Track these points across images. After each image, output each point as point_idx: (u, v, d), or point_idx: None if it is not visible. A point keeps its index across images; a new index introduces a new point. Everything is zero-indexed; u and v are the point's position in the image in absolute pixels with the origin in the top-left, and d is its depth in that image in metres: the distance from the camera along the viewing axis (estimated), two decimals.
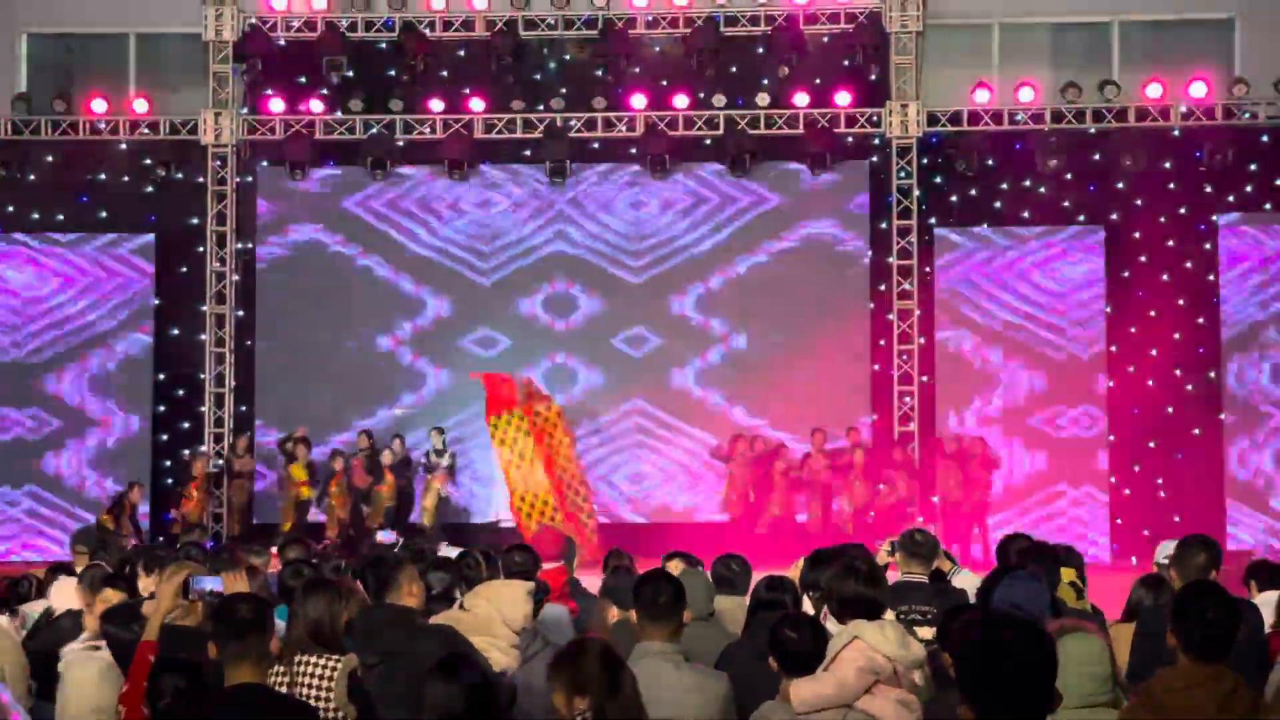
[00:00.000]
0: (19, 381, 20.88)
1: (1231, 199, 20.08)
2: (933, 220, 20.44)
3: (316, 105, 20.52)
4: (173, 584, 6.37)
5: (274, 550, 10.67)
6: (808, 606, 7.37)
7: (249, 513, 20.15)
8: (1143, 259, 20.21)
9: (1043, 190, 20.31)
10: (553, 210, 20.80)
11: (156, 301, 20.92)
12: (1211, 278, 20.12)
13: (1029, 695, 3.71)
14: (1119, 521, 19.93)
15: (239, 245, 20.74)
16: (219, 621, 5.38)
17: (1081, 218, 20.37)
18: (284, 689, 5.72)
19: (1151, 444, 20.05)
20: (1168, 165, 20.00)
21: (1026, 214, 20.42)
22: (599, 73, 20.57)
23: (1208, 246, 20.15)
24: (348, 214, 20.90)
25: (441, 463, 19.68)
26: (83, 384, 20.88)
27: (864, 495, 19.05)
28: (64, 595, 8.08)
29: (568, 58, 20.92)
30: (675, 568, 8.04)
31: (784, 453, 19.58)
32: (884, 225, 20.42)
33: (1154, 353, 20.11)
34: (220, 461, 20.14)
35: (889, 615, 6.17)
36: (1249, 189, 20.10)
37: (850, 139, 20.45)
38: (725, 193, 20.73)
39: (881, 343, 20.32)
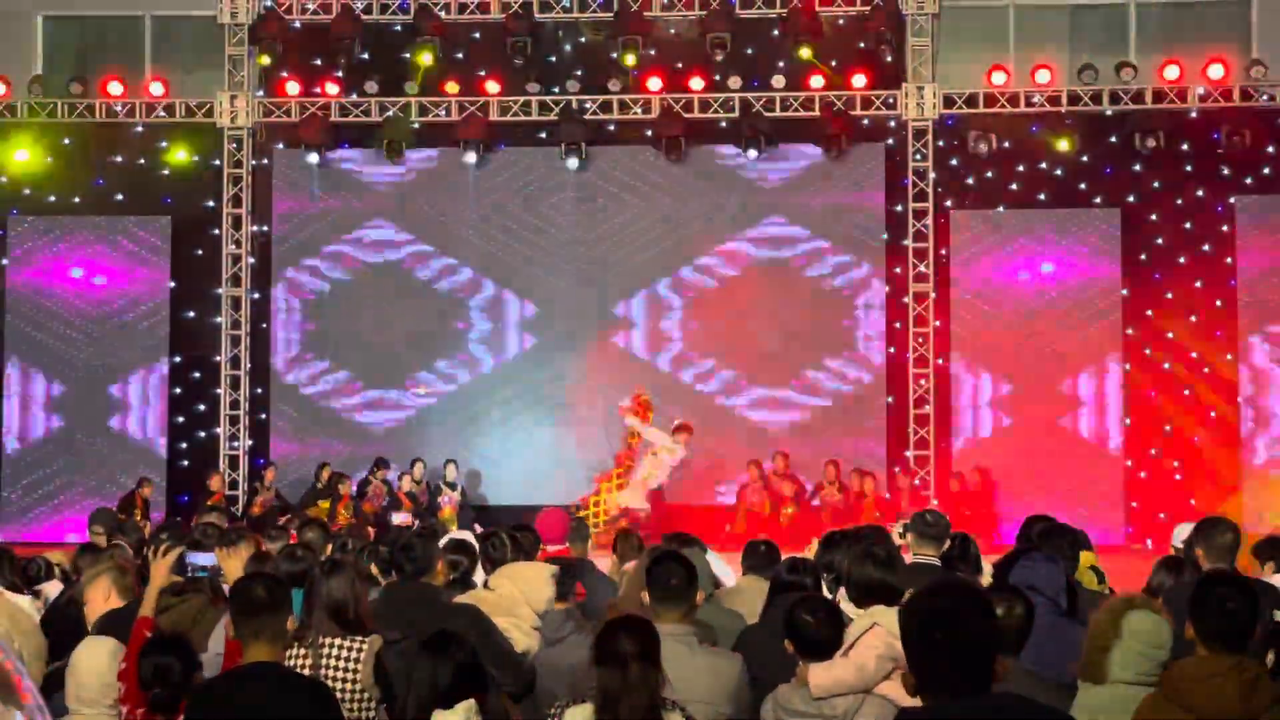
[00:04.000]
0: None
1: (1249, 181, 20.01)
2: (949, 203, 20.39)
3: (332, 88, 20.50)
4: (166, 561, 6.42)
5: (294, 533, 10.67)
6: (823, 589, 7.34)
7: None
8: (1160, 241, 20.15)
9: (1059, 172, 20.25)
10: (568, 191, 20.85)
11: (172, 284, 20.93)
12: (1229, 260, 20.04)
13: (964, 663, 3.61)
14: (1134, 505, 19.89)
15: (254, 228, 20.75)
16: (234, 600, 5.41)
17: (1098, 200, 20.30)
18: (307, 670, 5.73)
19: (1168, 427, 20.01)
20: (1185, 147, 19.93)
21: (1043, 196, 20.37)
22: (614, 55, 20.49)
23: (1225, 229, 20.07)
24: (364, 195, 20.92)
25: (454, 496, 19.27)
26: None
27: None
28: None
29: (583, 40, 20.88)
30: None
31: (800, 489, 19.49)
32: (899, 208, 20.37)
33: (1171, 335, 20.07)
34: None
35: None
36: (1266, 171, 20.02)
37: (866, 121, 20.39)
38: (740, 175, 20.69)
39: (897, 325, 20.28)
